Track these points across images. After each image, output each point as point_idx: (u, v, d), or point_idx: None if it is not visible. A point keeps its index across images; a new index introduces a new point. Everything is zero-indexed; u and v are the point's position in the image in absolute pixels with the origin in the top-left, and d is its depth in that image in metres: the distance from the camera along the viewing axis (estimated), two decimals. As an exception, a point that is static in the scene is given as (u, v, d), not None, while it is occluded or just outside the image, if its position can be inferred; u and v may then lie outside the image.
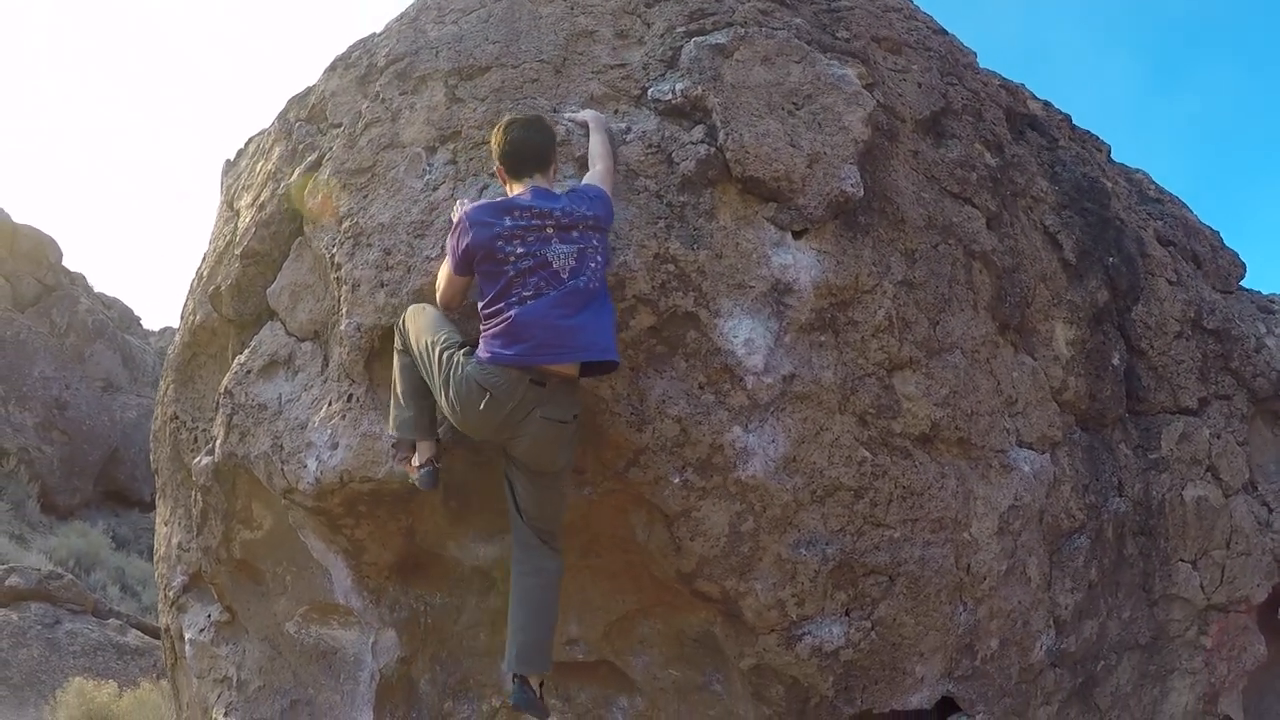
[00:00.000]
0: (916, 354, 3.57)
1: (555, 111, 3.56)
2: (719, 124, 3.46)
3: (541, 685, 3.21)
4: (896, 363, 3.52)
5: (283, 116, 4.42)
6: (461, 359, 2.97)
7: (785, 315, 3.34)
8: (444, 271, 3.15)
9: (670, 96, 3.51)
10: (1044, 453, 4.00)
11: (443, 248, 3.40)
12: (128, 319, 13.40)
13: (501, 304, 2.92)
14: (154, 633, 7.94)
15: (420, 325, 3.17)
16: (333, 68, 4.19)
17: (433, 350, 3.05)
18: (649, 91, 3.56)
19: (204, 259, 4.69)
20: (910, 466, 3.54)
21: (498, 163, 3.16)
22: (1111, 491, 4.20)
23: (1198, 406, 4.44)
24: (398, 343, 3.26)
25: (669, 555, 3.40)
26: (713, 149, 3.42)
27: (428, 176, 3.58)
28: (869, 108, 3.67)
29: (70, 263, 12.88)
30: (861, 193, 3.52)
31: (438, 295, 3.21)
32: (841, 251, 3.46)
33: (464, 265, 3.01)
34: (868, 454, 3.45)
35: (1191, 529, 4.34)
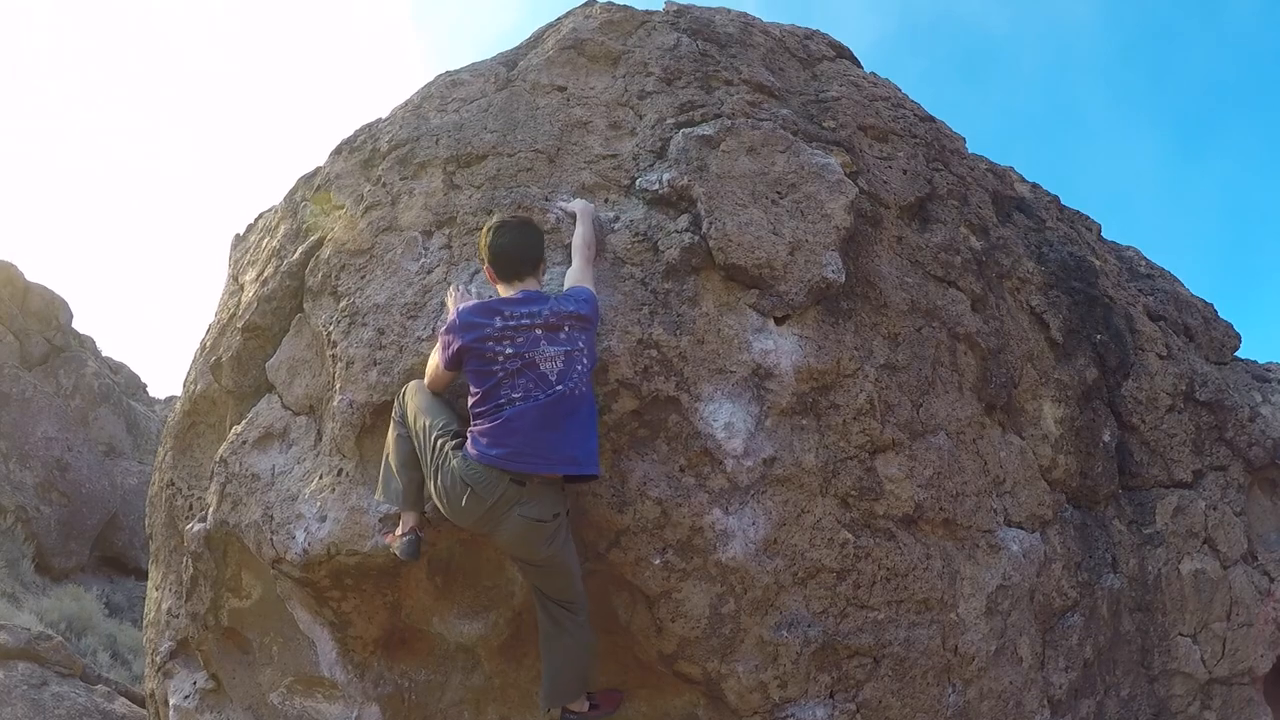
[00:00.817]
0: (899, 436, 3.69)
1: (547, 200, 3.77)
2: (703, 213, 3.66)
3: (590, 696, 3.45)
4: (879, 445, 3.65)
5: (290, 196, 4.67)
6: (450, 451, 3.12)
7: (766, 399, 3.49)
8: (433, 362, 3.30)
9: (657, 186, 3.72)
10: (1034, 531, 4.09)
11: (434, 330, 3.59)
12: (134, 385, 13.68)
13: (489, 405, 3.07)
14: (142, 701, 7.97)
15: (420, 404, 3.32)
16: (338, 151, 4.44)
17: (429, 434, 3.21)
18: (638, 181, 3.77)
19: (208, 330, 4.90)
20: (894, 548, 3.64)
21: (486, 265, 3.32)
22: (1105, 568, 4.27)
23: (1192, 479, 4.53)
24: (395, 413, 3.42)
25: (650, 636, 3.50)
26: (697, 237, 3.61)
27: (423, 260, 3.79)
28: (851, 195, 3.86)
29: (80, 325, 13.25)
30: (843, 279, 3.69)
31: (426, 380, 3.38)
32: (823, 336, 3.62)
33: (453, 362, 3.18)
34: (850, 536, 3.56)
35: (1190, 602, 4.40)
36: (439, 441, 3.15)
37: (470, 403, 3.14)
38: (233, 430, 4.20)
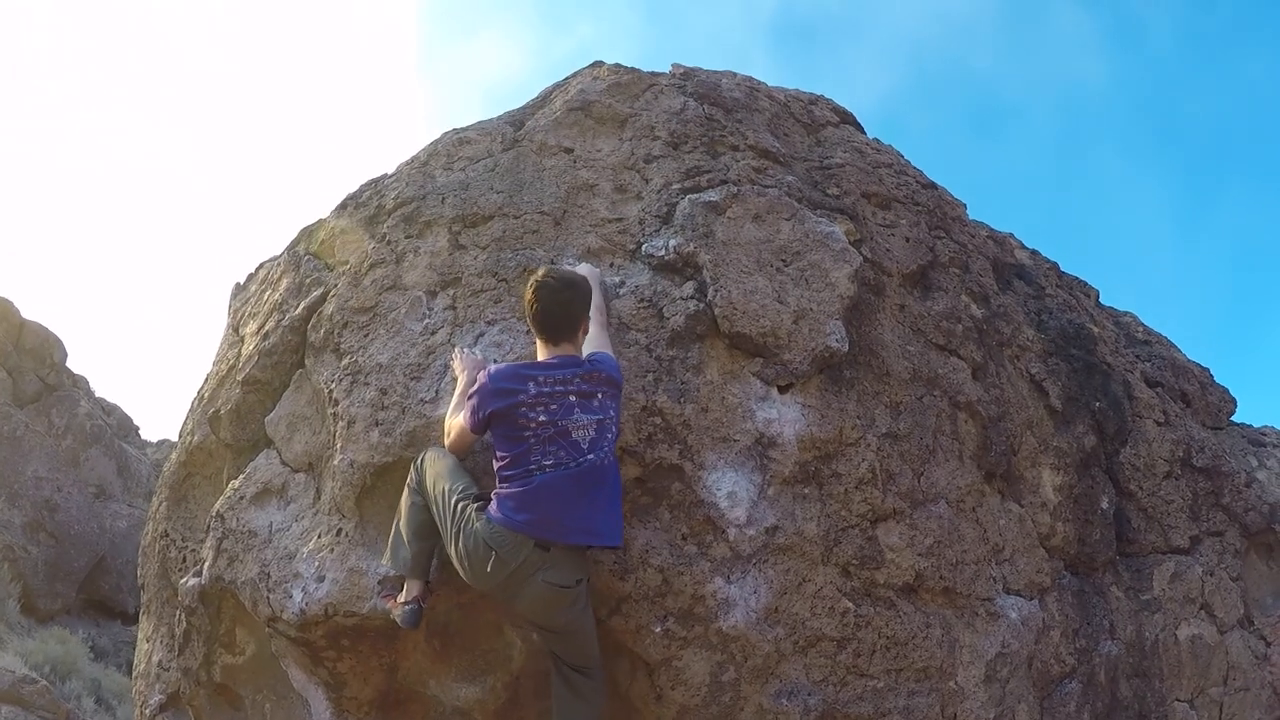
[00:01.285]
0: (900, 505, 3.73)
1: (553, 263, 3.83)
2: (709, 280, 3.72)
3: None
4: (880, 514, 3.69)
5: (292, 248, 4.72)
6: (474, 514, 3.13)
7: (769, 468, 3.53)
8: (458, 424, 3.29)
9: (663, 252, 3.78)
10: (1032, 599, 4.12)
11: (437, 392, 3.63)
12: (126, 427, 13.64)
13: (519, 469, 3.09)
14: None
15: (439, 470, 3.32)
16: (343, 206, 4.50)
17: (448, 498, 3.21)
18: (643, 246, 3.83)
19: (206, 380, 4.92)
20: (894, 616, 3.66)
21: (530, 321, 3.28)
22: (1103, 635, 4.30)
23: (1189, 545, 4.57)
24: (411, 480, 3.41)
25: (650, 704, 3.50)
26: (702, 305, 3.67)
27: (427, 320, 3.83)
28: (855, 264, 3.93)
29: (74, 364, 13.21)
30: (846, 348, 3.75)
31: (447, 442, 3.38)
32: (826, 405, 3.67)
33: (481, 427, 3.18)
34: (850, 604, 3.59)
35: (1187, 668, 4.43)
36: (460, 505, 3.16)
37: (498, 465, 3.16)
38: (230, 485, 4.21)
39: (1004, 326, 4.40)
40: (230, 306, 5.30)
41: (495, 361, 3.59)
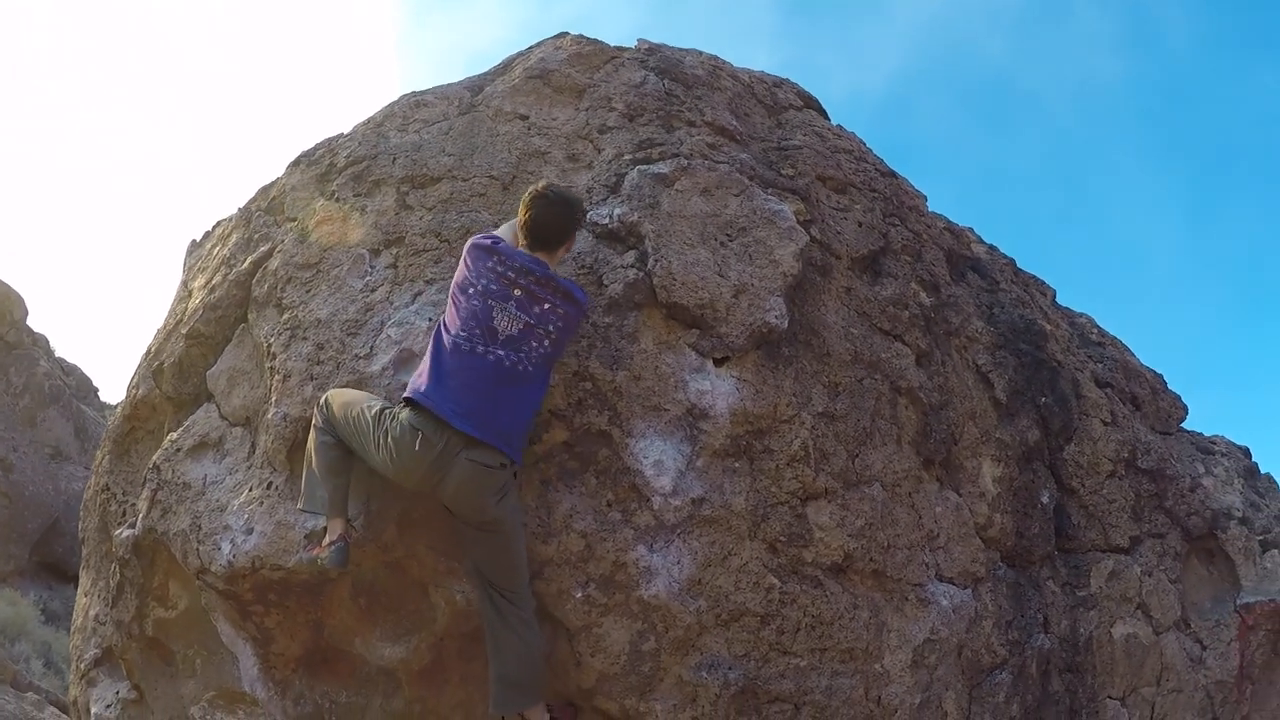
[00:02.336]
0: (833, 484, 3.78)
1: (495, 227, 3.87)
2: (650, 250, 3.76)
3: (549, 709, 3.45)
4: (811, 492, 3.73)
5: (246, 205, 4.75)
6: (399, 409, 3.25)
7: (699, 440, 3.57)
8: None
9: (607, 221, 3.83)
10: (965, 588, 4.17)
11: (371, 348, 3.68)
12: (85, 388, 13.61)
13: (441, 333, 3.29)
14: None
15: (347, 399, 3.43)
16: (296, 163, 4.53)
17: (367, 413, 3.30)
18: (589, 214, 3.87)
19: (155, 335, 4.96)
20: (820, 595, 3.71)
21: (519, 227, 3.47)
22: (1036, 628, 4.35)
23: (1129, 545, 4.62)
24: (318, 420, 3.48)
25: (570, 670, 3.54)
26: (641, 274, 3.71)
27: (368, 278, 3.87)
28: (801, 243, 3.98)
29: (35, 323, 13.18)
30: (786, 325, 3.80)
31: None
32: (762, 381, 3.72)
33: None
34: (776, 581, 3.63)
35: (1120, 666, 4.48)
36: (382, 412, 3.27)
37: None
38: (168, 437, 4.25)
39: (953, 316, 4.45)
40: (185, 264, 5.33)
41: (431, 320, 3.63)
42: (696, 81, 4.60)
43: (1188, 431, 5.21)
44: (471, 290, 3.29)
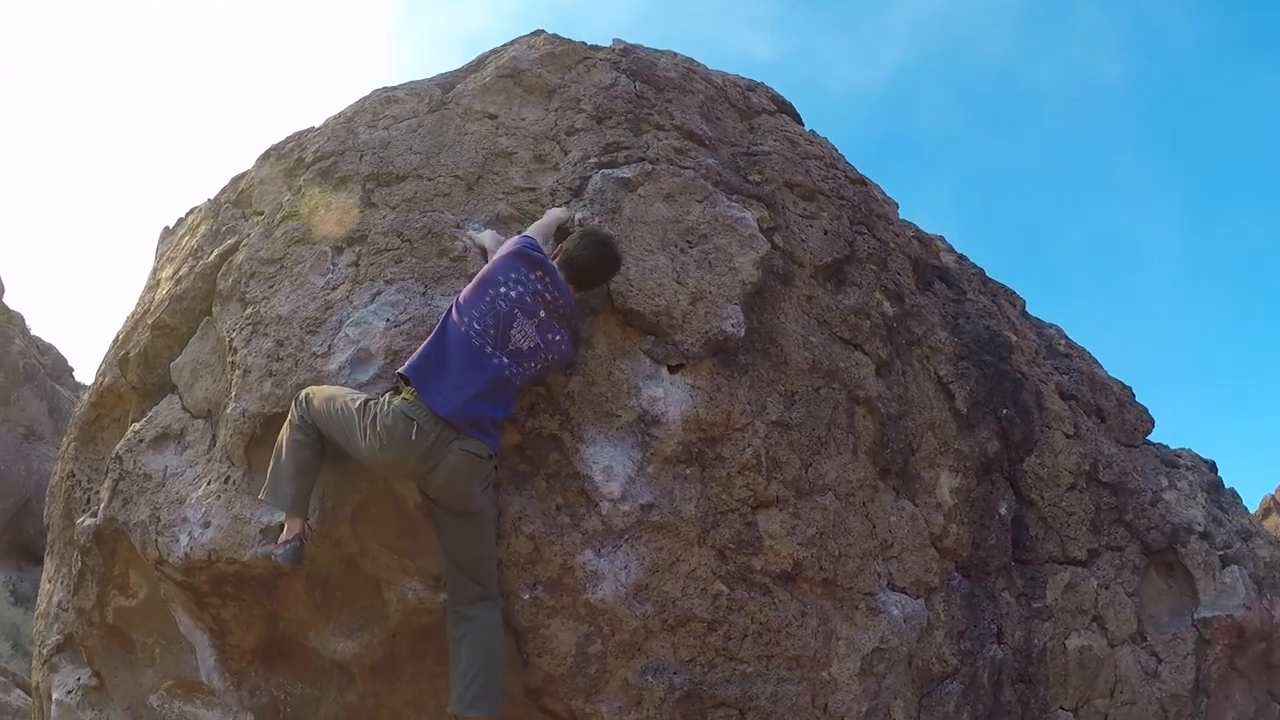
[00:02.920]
0: (784, 493, 3.85)
1: (458, 228, 3.93)
2: (609, 255, 3.81)
3: None
4: (762, 500, 3.80)
5: (217, 196, 4.81)
6: (389, 397, 3.32)
7: (650, 446, 3.64)
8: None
9: (568, 225, 3.88)
10: (918, 597, 4.24)
11: (330, 347, 3.74)
12: (61, 368, 13.63)
13: (458, 316, 3.37)
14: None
15: (330, 392, 3.48)
16: (265, 155, 4.58)
17: (352, 404, 3.36)
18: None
19: (125, 323, 5.02)
20: (768, 603, 3.78)
21: (565, 255, 3.62)
22: (990, 638, 4.43)
23: (1087, 557, 4.70)
24: (294, 417, 3.52)
25: (517, 670, 3.62)
26: (599, 277, 3.76)
27: (330, 275, 3.93)
28: (762, 251, 4.03)
29: (11, 300, 13.17)
30: (742, 333, 3.86)
31: None
32: (716, 388, 3.78)
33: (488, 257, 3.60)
34: (724, 588, 3.71)
35: (1073, 678, 4.56)
36: (368, 402, 3.34)
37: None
38: (132, 427, 4.32)
39: (916, 326, 4.51)
40: (157, 250, 5.39)
41: (388, 320, 3.70)
42: (669, 84, 4.64)
43: (1153, 444, 5.28)
44: (504, 290, 3.40)
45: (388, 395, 3.35)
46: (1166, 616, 4.87)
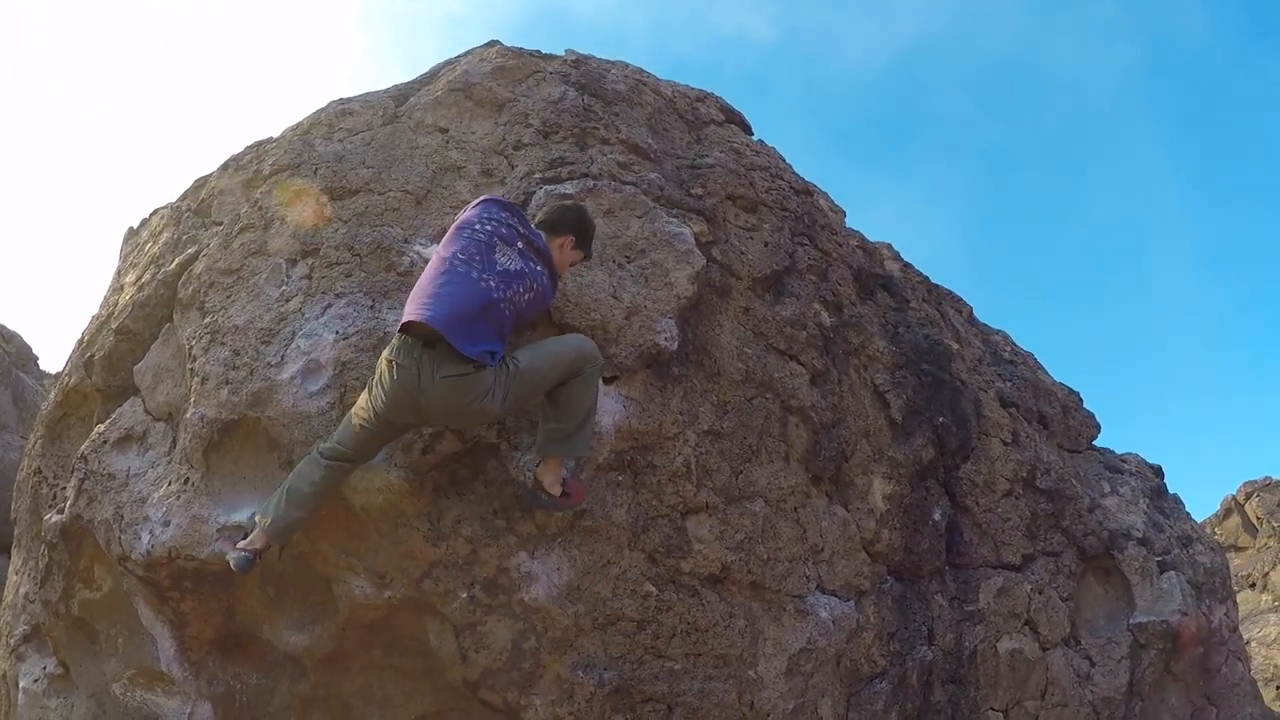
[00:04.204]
0: (714, 499, 4.39)
1: (405, 242, 4.45)
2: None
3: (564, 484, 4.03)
4: (691, 507, 4.34)
5: (180, 202, 5.34)
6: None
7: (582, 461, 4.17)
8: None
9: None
10: (848, 600, 4.79)
11: (283, 357, 4.28)
12: (25, 357, 14.19)
13: (438, 260, 3.82)
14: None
15: (348, 415, 3.92)
16: (225, 166, 5.11)
17: (358, 406, 3.85)
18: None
19: (89, 323, 5.57)
20: (696, 604, 4.33)
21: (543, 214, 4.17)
22: (920, 640, 4.98)
23: (1021, 562, 5.23)
24: (326, 450, 3.92)
25: (456, 664, 4.18)
26: (540, 292, 4.28)
27: (284, 287, 4.46)
28: (698, 266, 4.55)
29: (-26, 289, 13.64)
30: (676, 346, 4.38)
31: None
32: (649, 399, 4.31)
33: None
34: (654, 589, 4.26)
35: (1004, 679, 5.12)
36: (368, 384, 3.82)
37: None
38: (96, 428, 4.87)
39: (853, 336, 5.03)
40: (121, 251, 5.93)
41: (337, 333, 4.23)
42: (617, 97, 5.14)
43: (1098, 450, 5.80)
44: (478, 228, 3.87)
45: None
46: (1102, 621, 5.41)
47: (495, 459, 4.11)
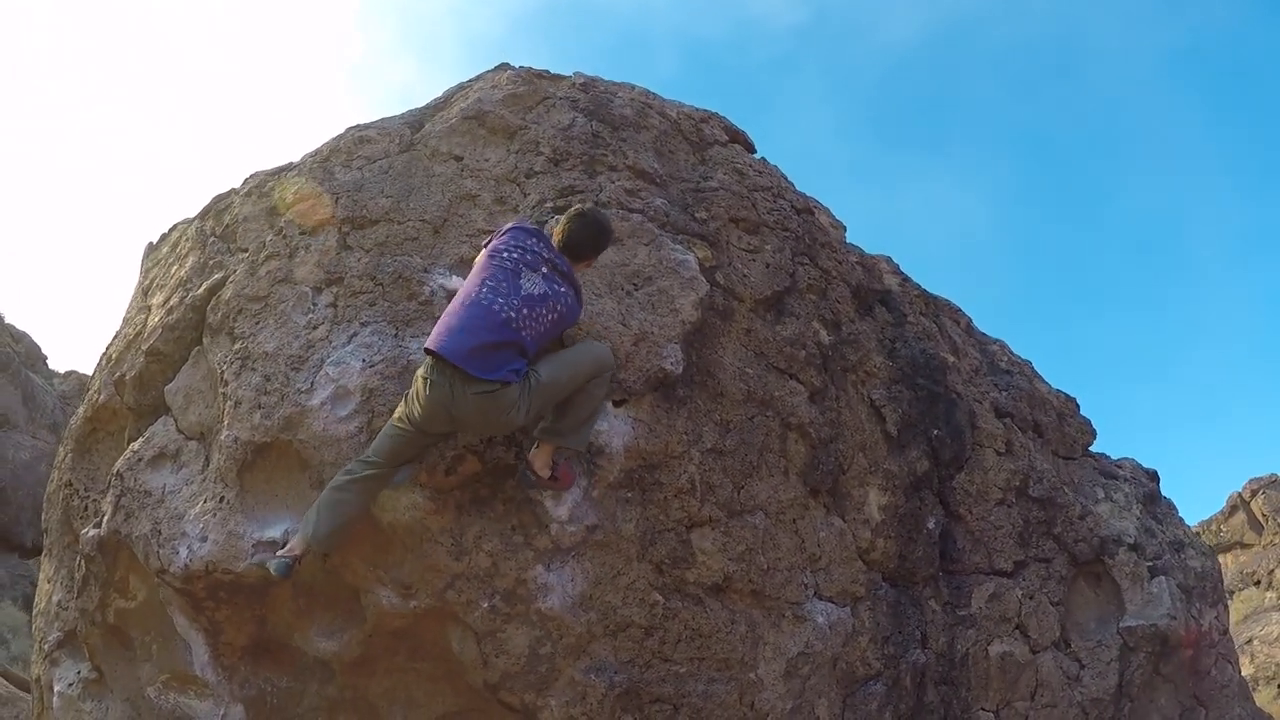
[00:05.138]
0: (717, 514, 4.97)
1: (426, 271, 5.02)
2: (561, 301, 4.90)
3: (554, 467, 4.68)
4: (696, 520, 4.93)
5: (202, 222, 5.90)
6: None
7: (595, 473, 4.76)
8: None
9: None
10: (844, 606, 5.38)
11: (313, 383, 4.86)
12: (34, 356, 14.79)
13: (468, 287, 4.44)
14: (20, 684, 9.21)
15: (380, 436, 4.52)
16: (249, 194, 5.67)
17: (393, 419, 4.45)
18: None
19: (115, 339, 6.15)
20: (700, 612, 4.93)
21: (561, 230, 4.70)
22: (914, 644, 5.58)
23: (1013, 568, 5.82)
24: (360, 463, 4.52)
25: (478, 667, 4.79)
26: (552, 322, 4.86)
27: (310, 315, 5.03)
28: (702, 292, 5.11)
29: (-16, 290, 14.30)
30: (681, 370, 4.96)
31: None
32: (656, 421, 4.89)
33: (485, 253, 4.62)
34: (660, 598, 4.85)
35: (995, 681, 5.72)
36: (404, 396, 4.43)
37: None
38: (130, 446, 5.46)
39: (851, 353, 5.60)
40: (142, 266, 6.51)
41: (364, 361, 4.81)
42: (624, 122, 5.69)
43: (1093, 455, 6.37)
44: (506, 255, 4.47)
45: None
46: (1093, 624, 6.00)
47: (513, 479, 4.70)
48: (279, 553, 4.67)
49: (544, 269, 4.50)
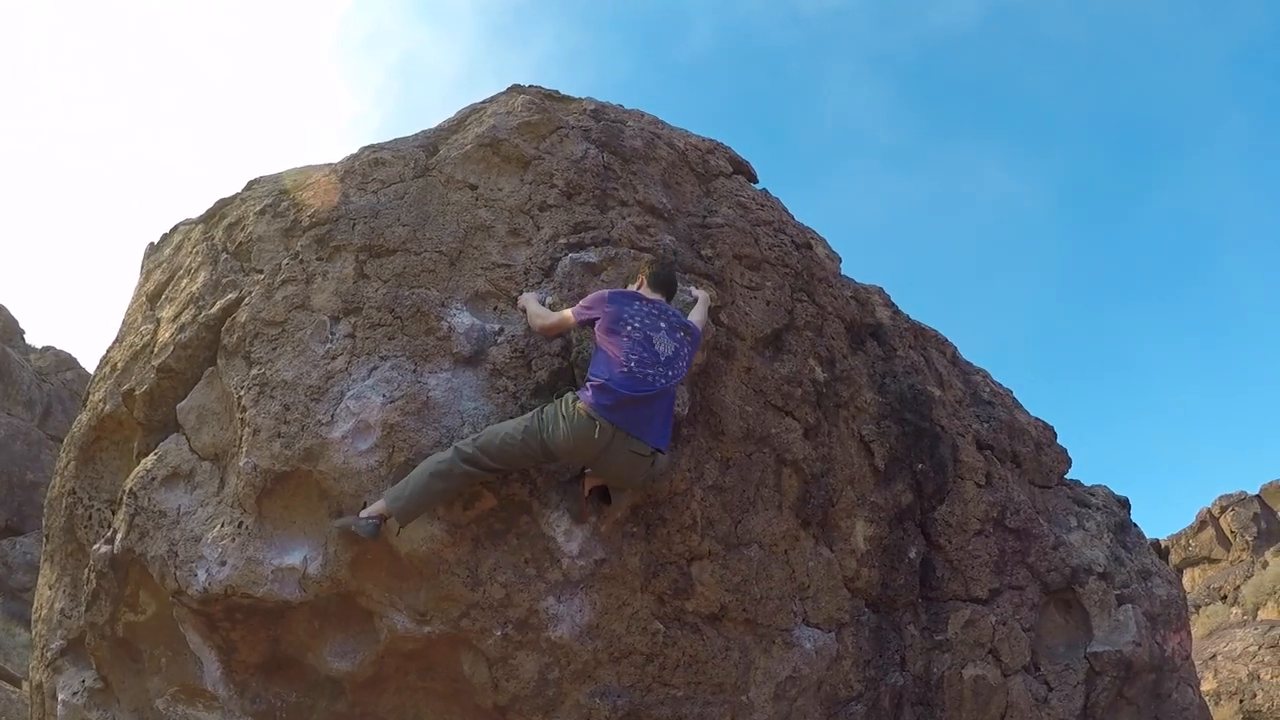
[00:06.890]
0: (715, 547, 5.57)
1: (443, 306, 5.50)
2: (574, 340, 5.43)
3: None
4: (696, 554, 5.52)
5: (208, 229, 6.31)
6: (572, 398, 4.97)
7: (604, 510, 5.32)
8: (558, 318, 5.32)
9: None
10: (829, 631, 6.02)
11: (333, 415, 5.34)
12: (11, 330, 14.90)
13: (607, 366, 5.01)
14: (8, 677, 9.61)
15: (493, 430, 5.06)
16: (262, 212, 6.08)
17: (525, 422, 5.00)
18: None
19: (117, 344, 6.56)
20: (698, 639, 5.53)
21: (645, 275, 5.40)
22: (893, 667, 6.24)
23: (988, 596, 6.50)
24: (458, 455, 5.01)
25: (489, 690, 5.35)
26: (565, 362, 5.39)
27: (329, 345, 5.50)
28: (709, 334, 5.66)
29: (-41, 264, 14.36)
30: (686, 411, 5.51)
31: (541, 326, 5.34)
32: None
33: (586, 323, 5.19)
34: (661, 627, 5.44)
35: (968, 703, 6.41)
36: (544, 410, 5.00)
37: (594, 365, 5.08)
38: (142, 463, 5.91)
39: (843, 390, 6.19)
40: (143, 267, 6.90)
41: (384, 396, 5.30)
42: (634, 154, 6.18)
43: (1068, 484, 7.05)
44: (629, 327, 5.06)
45: (569, 397, 4.98)
46: (1062, 649, 6.71)
47: (527, 515, 5.24)
48: (362, 514, 5.10)
49: (662, 325, 5.15)
